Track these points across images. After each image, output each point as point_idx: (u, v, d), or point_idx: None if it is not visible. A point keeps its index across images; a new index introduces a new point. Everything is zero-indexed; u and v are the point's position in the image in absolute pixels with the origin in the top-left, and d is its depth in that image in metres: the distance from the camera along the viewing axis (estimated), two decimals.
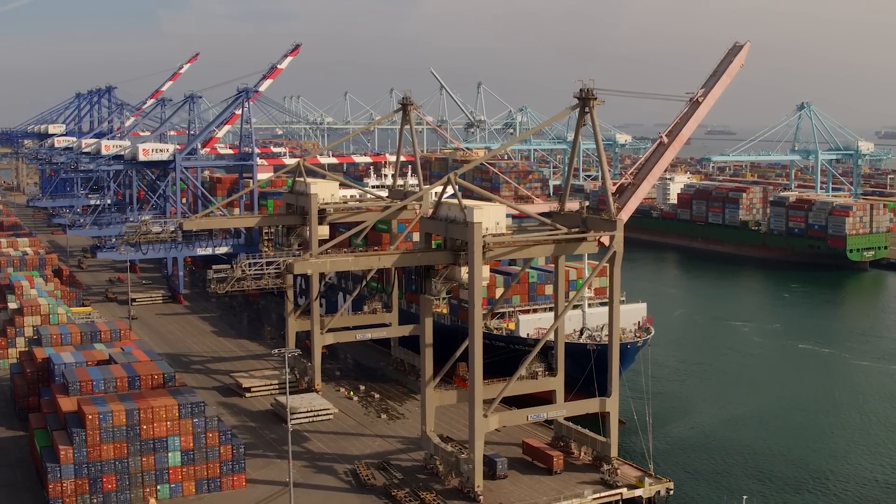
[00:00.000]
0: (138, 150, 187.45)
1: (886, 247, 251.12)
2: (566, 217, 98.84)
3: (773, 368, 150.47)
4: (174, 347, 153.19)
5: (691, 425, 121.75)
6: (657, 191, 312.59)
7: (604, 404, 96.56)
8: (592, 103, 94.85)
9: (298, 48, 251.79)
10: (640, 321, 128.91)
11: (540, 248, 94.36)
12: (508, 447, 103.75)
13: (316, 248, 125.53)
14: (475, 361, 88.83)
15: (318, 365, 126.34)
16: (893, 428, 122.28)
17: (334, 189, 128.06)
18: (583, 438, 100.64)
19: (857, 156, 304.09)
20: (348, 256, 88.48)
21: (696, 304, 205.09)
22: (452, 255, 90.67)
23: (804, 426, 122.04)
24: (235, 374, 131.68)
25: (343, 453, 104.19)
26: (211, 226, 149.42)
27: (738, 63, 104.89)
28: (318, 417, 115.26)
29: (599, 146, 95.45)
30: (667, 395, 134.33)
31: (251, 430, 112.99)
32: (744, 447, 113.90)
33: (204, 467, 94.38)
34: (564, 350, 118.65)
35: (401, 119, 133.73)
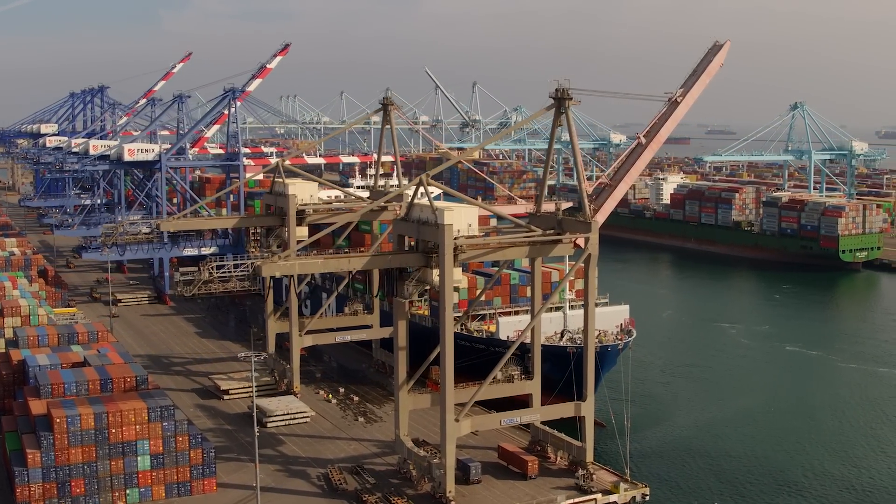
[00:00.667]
0: (124, 150, 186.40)
1: (880, 247, 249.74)
2: (542, 219, 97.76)
3: (758, 371, 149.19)
4: (156, 349, 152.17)
5: (672, 429, 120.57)
6: (650, 191, 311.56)
7: (579, 408, 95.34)
8: (568, 103, 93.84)
9: (288, 47, 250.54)
10: (623, 323, 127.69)
11: (514, 251, 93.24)
12: (485, 451, 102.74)
13: (294, 250, 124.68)
14: (446, 365, 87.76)
15: (296, 367, 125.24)
16: (875, 433, 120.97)
17: (313, 190, 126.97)
18: (559, 443, 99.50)
19: (851, 156, 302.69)
20: (317, 259, 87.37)
21: (686, 305, 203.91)
22: (424, 257, 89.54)
23: (786, 431, 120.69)
24: (214, 376, 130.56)
25: (317, 457, 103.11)
26: (188, 227, 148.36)
27: (717, 62, 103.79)
28: (294, 420, 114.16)
29: (575, 147, 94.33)
30: (649, 398, 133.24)
31: (227, 433, 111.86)
32: (723, 452, 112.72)
33: (174, 471, 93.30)
34: (545, 353, 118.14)
35: (382, 118, 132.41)
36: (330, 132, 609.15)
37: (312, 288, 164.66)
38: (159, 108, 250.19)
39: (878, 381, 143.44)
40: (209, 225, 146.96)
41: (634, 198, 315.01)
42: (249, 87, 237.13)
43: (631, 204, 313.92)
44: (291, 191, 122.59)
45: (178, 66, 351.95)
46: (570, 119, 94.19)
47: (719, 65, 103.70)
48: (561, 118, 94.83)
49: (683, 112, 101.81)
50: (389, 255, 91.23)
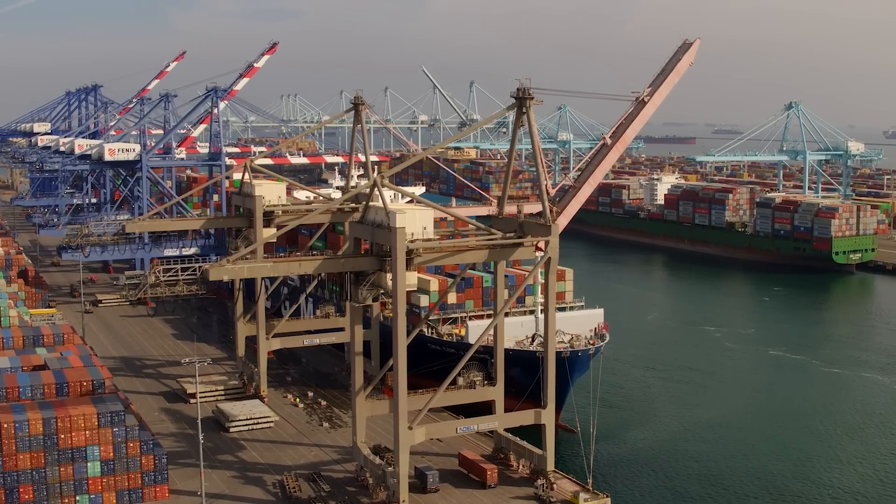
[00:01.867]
0: (104, 149, 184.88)
1: (874, 249, 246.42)
2: (504, 221, 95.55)
3: (737, 376, 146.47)
4: (130, 350, 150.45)
5: (643, 436, 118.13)
6: (645, 191, 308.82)
7: (539, 416, 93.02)
8: (529, 103, 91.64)
9: (276, 46, 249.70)
10: (597, 327, 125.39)
11: (473, 254, 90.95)
12: (447, 458, 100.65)
13: (261, 252, 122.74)
14: (399, 371, 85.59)
15: (263, 370, 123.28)
16: (853, 439, 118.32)
17: (281, 191, 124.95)
18: (521, 451, 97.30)
19: (847, 156, 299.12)
20: (266, 263, 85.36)
21: (673, 307, 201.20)
22: (378, 260, 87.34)
23: (761, 437, 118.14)
24: (182, 379, 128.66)
25: (276, 463, 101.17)
26: (154, 228, 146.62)
27: (687, 60, 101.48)
28: (257, 425, 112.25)
29: (536, 147, 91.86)
30: (622, 404, 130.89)
31: (188, 438, 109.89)
32: (694, 460, 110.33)
33: (125, 478, 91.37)
34: (514, 357, 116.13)
35: (353, 118, 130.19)
36: (329, 131, 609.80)
37: (292, 289, 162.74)
38: (148, 107, 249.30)
39: (860, 387, 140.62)
40: (176, 226, 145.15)
41: (629, 198, 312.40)
42: (237, 87, 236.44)
43: (625, 204, 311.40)
44: (258, 192, 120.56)
45: (172, 64, 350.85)
46: (531, 119, 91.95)
47: (689, 63, 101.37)
48: (523, 118, 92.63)
49: (651, 111, 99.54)
50: (343, 258, 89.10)
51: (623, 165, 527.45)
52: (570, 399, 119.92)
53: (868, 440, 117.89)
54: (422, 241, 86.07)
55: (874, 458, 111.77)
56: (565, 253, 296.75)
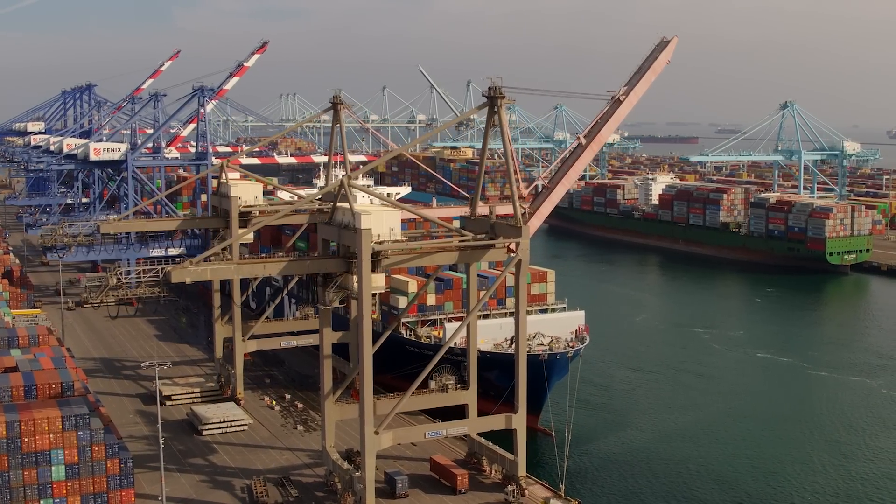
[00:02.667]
0: (90, 149, 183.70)
1: (868, 250, 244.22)
2: (476, 222, 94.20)
3: (722, 380, 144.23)
4: (111, 352, 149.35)
5: (622, 441, 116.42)
6: (640, 191, 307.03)
7: (510, 420, 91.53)
8: (500, 102, 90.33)
9: (266, 45, 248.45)
10: (578, 329, 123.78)
11: (443, 256, 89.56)
12: (420, 463, 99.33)
13: (237, 252, 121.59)
14: (364, 375, 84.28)
15: (239, 373, 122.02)
16: (832, 443, 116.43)
17: (258, 191, 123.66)
18: (493, 455, 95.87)
19: (843, 156, 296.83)
20: (230, 265, 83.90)
21: (663, 309, 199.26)
22: (345, 262, 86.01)
23: (739, 443, 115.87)
24: (159, 381, 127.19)
25: (247, 467, 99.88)
26: (130, 229, 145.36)
27: (664, 59, 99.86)
28: (230, 428, 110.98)
29: (507, 147, 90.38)
30: (603, 407, 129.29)
31: (159, 442, 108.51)
32: (672, 466, 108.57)
33: (90, 482, 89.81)
34: (492, 360, 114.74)
35: (331, 118, 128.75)
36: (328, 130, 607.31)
37: (275, 290, 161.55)
38: (138, 106, 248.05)
39: (846, 390, 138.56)
40: (151, 227, 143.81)
41: (624, 198, 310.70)
42: (226, 86, 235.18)
43: (620, 204, 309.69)
44: (234, 192, 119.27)
45: (166, 63, 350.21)
46: (502, 118, 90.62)
47: (666, 62, 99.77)
48: (495, 117, 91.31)
49: (627, 111, 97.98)
50: (308, 260, 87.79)
51: (622, 165, 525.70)
52: (550, 403, 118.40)
53: (847, 445, 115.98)
54: (389, 242, 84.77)
55: (851, 463, 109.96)
56: (559, 253, 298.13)
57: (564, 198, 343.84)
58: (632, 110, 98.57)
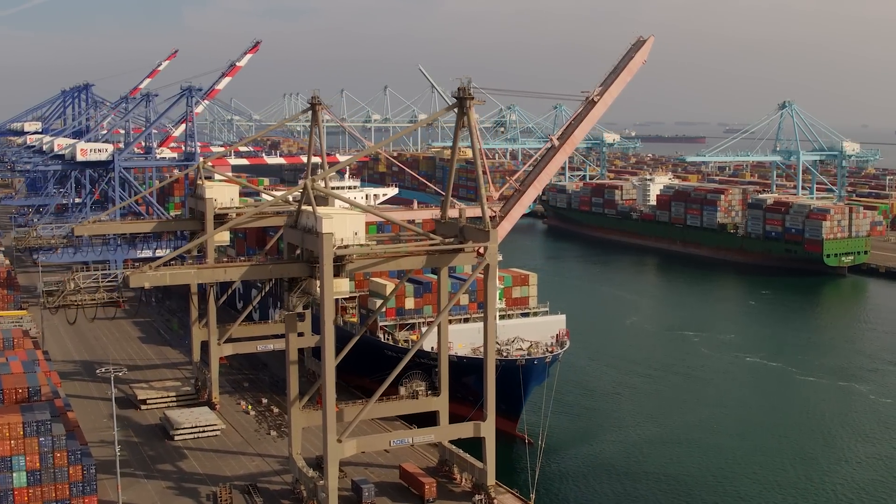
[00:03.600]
0: (76, 149, 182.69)
1: (867, 251, 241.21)
2: (447, 226, 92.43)
3: (708, 385, 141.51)
4: (93, 355, 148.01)
5: (600, 448, 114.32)
6: (637, 192, 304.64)
7: (479, 428, 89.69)
8: (469, 103, 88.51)
9: (258, 45, 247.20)
10: (559, 334, 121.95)
11: (410, 260, 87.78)
12: (391, 470, 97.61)
13: (211, 254, 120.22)
14: (327, 382, 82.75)
15: (215, 377, 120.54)
16: (817, 451, 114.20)
17: (234, 193, 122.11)
18: (463, 463, 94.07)
19: (842, 157, 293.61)
20: (190, 269, 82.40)
21: (656, 311, 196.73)
22: (309, 267, 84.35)
23: (722, 450, 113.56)
24: (134, 385, 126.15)
25: (215, 474, 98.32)
26: (105, 231, 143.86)
27: (640, 59, 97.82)
28: (203, 433, 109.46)
29: (475, 149, 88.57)
30: (584, 413, 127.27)
31: (131, 446, 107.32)
32: (651, 472, 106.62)
33: (52, 489, 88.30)
34: (469, 365, 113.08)
35: (311, 118, 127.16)
36: (331, 130, 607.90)
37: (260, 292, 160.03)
38: (132, 106, 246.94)
39: (834, 397, 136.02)
40: (126, 229, 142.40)
41: (622, 199, 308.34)
42: (219, 86, 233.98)
43: (618, 205, 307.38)
44: (209, 194, 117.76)
45: (164, 63, 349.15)
46: (471, 119, 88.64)
47: (642, 61, 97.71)
48: (465, 118, 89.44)
49: (601, 111, 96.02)
50: (271, 264, 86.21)
51: (626, 165, 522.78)
52: (530, 409, 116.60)
53: (826, 453, 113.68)
54: (354, 246, 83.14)
55: (828, 473, 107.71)
56: (556, 254, 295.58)
57: (563, 198, 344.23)
58: (641, 110, 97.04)
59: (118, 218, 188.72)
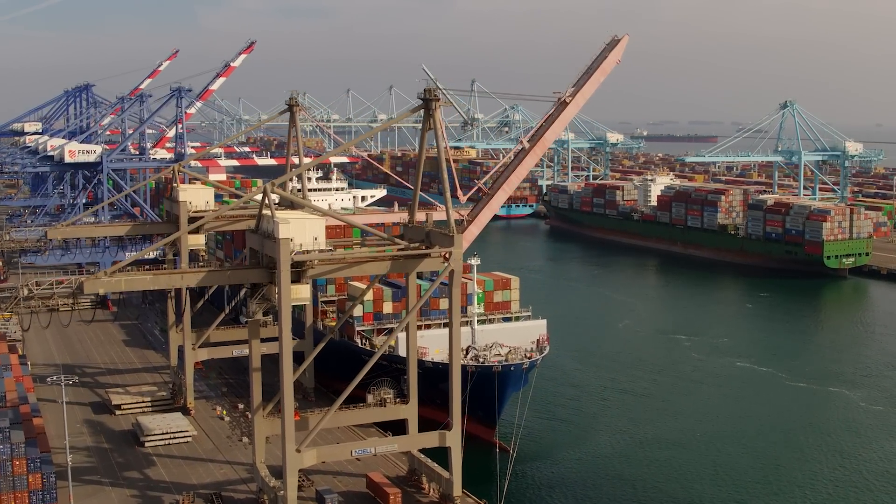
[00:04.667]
0: (65, 150, 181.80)
1: (868, 253, 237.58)
2: (414, 230, 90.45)
3: (694, 391, 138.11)
4: (75, 358, 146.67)
5: (576, 457, 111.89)
6: (639, 192, 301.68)
7: (444, 438, 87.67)
8: (435, 104, 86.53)
9: (253, 45, 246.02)
10: (539, 339, 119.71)
11: (373, 266, 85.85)
12: (360, 479, 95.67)
13: (185, 258, 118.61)
14: (285, 391, 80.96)
15: (189, 382, 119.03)
16: (799, 460, 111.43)
17: (209, 196, 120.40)
18: (431, 473, 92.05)
19: (845, 157, 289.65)
20: (146, 275, 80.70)
21: (650, 314, 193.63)
22: (268, 273, 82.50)
23: (702, 459, 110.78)
24: (110, 390, 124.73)
25: (181, 481, 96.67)
26: (78, 234, 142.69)
27: (614, 58, 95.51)
28: (174, 440, 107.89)
29: (441, 152, 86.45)
30: (564, 420, 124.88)
31: (101, 453, 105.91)
32: (626, 482, 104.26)
33: (11, 497, 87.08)
34: (445, 371, 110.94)
35: (289, 119, 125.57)
36: (339, 130, 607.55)
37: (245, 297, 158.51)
38: (128, 106, 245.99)
39: (821, 402, 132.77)
40: (99, 233, 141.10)
41: (623, 199, 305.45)
42: (213, 86, 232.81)
43: (619, 206, 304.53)
44: (183, 197, 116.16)
45: (164, 63, 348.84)
46: (437, 121, 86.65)
47: (616, 61, 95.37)
48: (431, 120, 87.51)
49: (574, 112, 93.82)
50: (228, 270, 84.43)
51: (634, 165, 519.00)
52: (510, 415, 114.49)
53: (814, 461, 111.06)
54: (315, 252, 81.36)
55: (814, 481, 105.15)
56: (556, 255, 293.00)
57: (565, 199, 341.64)
58: (655, 109, 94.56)
59: (106, 219, 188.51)
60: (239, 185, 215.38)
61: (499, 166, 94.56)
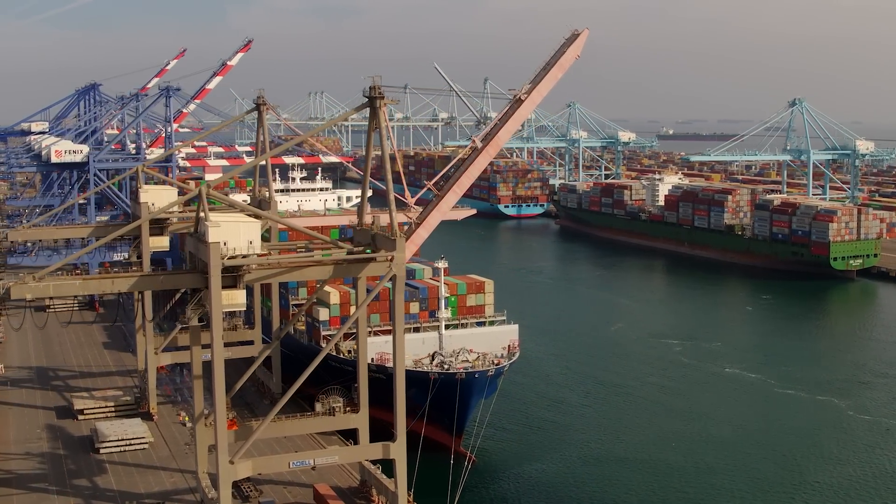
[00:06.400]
0: (51, 150, 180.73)
1: (876, 254, 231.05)
2: (363, 233, 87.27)
3: (675, 399, 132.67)
4: (51, 361, 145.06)
5: (543, 467, 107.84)
6: (646, 192, 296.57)
7: (388, 450, 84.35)
8: (380, 102, 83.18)
9: (250, 44, 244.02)
10: (510, 345, 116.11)
11: (315, 270, 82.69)
12: (309, 490, 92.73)
13: (147, 261, 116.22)
14: (217, 401, 78.09)
15: (152, 387, 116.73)
16: (777, 471, 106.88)
17: (173, 197, 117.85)
18: (380, 485, 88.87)
19: (855, 156, 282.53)
20: (75, 280, 78.27)
21: (645, 318, 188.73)
22: (203, 277, 79.56)
23: (669, 473, 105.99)
24: (76, 394, 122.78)
25: (128, 490, 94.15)
26: (39, 236, 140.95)
27: (573, 53, 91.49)
28: (130, 446, 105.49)
29: (385, 153, 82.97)
30: (533, 429, 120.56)
31: (54, 459, 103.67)
32: (591, 496, 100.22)
33: None
34: (407, 378, 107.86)
35: (257, 119, 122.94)
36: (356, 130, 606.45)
37: None
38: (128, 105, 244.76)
39: (808, 411, 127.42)
40: (61, 235, 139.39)
41: (631, 199, 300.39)
42: (209, 85, 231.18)
43: (627, 205, 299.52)
44: (144, 198, 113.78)
45: (172, 62, 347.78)
46: (381, 120, 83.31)
47: (575, 56, 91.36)
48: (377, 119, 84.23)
49: (529, 110, 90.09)
50: (161, 275, 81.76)
51: (653, 163, 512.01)
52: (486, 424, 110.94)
53: (787, 472, 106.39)
54: (253, 256, 78.43)
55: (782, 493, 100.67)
56: (563, 256, 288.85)
57: (573, 198, 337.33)
58: (685, 107, 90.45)
59: (95, 219, 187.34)
60: (234, 185, 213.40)
61: (449, 166, 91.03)
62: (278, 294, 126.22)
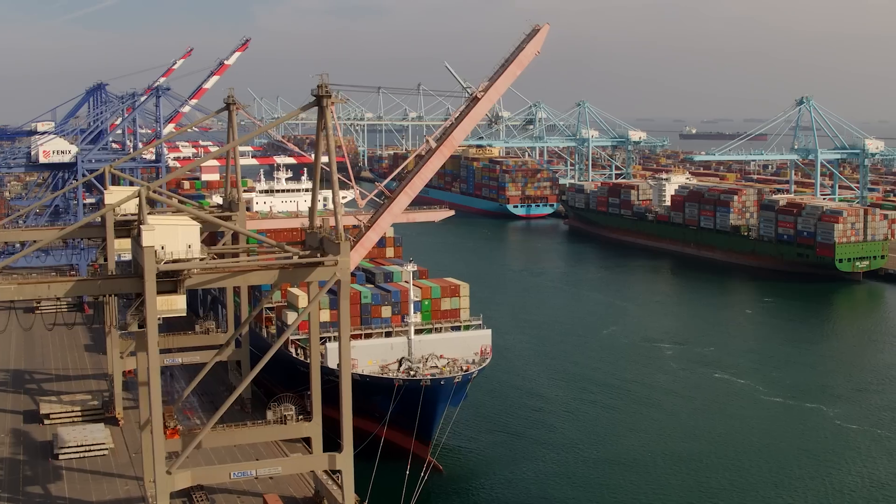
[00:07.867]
0: (39, 150, 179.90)
1: (884, 256, 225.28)
2: (313, 236, 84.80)
3: (658, 406, 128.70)
4: (29, 364, 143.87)
5: (511, 477, 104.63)
6: (653, 192, 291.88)
7: (333, 460, 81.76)
8: (327, 101, 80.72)
9: (247, 43, 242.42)
10: (482, 350, 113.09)
11: (259, 275, 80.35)
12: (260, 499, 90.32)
13: (112, 265, 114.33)
14: (153, 406, 75.98)
15: (118, 391, 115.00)
16: (755, 482, 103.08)
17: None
18: (331, 497, 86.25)
19: (864, 155, 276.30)
20: (11, 284, 76.22)
21: (640, 320, 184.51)
22: (142, 282, 77.31)
23: (640, 485, 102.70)
24: (44, 398, 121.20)
25: (79, 498, 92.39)
26: (7, 238, 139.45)
27: (532, 49, 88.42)
28: (89, 453, 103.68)
29: (332, 151, 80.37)
30: (506, 438, 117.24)
31: (13, 465, 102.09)
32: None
33: None
34: (373, 385, 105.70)
35: (227, 118, 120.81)
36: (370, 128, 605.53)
37: (212, 299, 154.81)
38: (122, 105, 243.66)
39: (792, 419, 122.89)
40: (28, 236, 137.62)
41: (638, 199, 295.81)
42: (206, 84, 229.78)
43: (634, 206, 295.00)
44: (108, 199, 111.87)
45: (178, 62, 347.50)
46: (328, 119, 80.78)
47: (535, 52, 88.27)
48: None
49: (487, 108, 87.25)
50: (99, 279, 79.62)
51: (671, 163, 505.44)
52: (455, 432, 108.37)
53: (762, 484, 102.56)
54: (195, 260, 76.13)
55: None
56: (568, 258, 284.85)
57: (581, 198, 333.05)
58: (712, 106, 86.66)
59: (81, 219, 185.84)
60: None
61: (401, 167, 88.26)
62: (251, 297, 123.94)
